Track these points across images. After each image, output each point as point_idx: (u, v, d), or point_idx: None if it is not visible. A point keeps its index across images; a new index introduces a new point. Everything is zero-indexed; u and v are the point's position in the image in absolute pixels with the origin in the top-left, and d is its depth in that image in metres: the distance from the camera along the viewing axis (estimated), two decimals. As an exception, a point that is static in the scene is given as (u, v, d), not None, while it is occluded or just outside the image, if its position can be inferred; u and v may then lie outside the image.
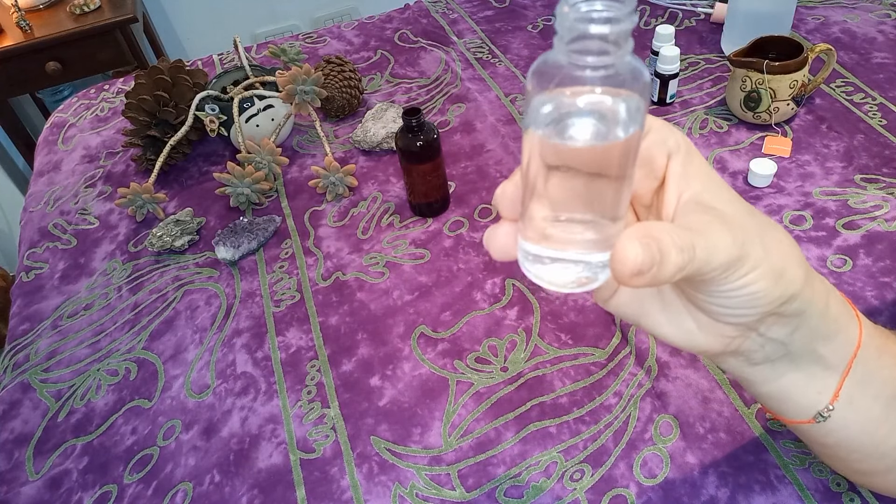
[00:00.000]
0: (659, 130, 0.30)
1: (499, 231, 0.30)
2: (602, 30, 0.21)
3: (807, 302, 0.33)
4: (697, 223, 0.29)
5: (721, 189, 0.30)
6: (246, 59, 1.01)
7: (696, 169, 0.30)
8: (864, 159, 0.84)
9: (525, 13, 1.22)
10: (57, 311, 0.84)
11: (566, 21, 0.22)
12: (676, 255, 0.26)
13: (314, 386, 0.69)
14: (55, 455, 0.69)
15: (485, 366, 0.68)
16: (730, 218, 0.29)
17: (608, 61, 0.22)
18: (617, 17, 0.21)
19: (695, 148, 0.31)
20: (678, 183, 0.30)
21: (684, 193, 0.30)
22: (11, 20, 1.67)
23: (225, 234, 0.85)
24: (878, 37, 1.03)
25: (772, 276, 0.30)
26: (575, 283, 0.28)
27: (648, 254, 0.26)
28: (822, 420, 0.38)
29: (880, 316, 0.67)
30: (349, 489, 0.61)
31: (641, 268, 0.26)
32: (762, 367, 0.36)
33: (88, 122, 1.16)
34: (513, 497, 0.58)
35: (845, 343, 0.37)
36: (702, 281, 0.29)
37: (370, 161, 0.96)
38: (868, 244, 0.74)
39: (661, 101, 0.96)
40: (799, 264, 0.32)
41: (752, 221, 0.30)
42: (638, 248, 0.26)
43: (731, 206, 0.30)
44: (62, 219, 0.98)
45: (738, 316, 0.32)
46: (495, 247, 0.30)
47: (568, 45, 0.22)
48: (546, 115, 0.24)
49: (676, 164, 0.30)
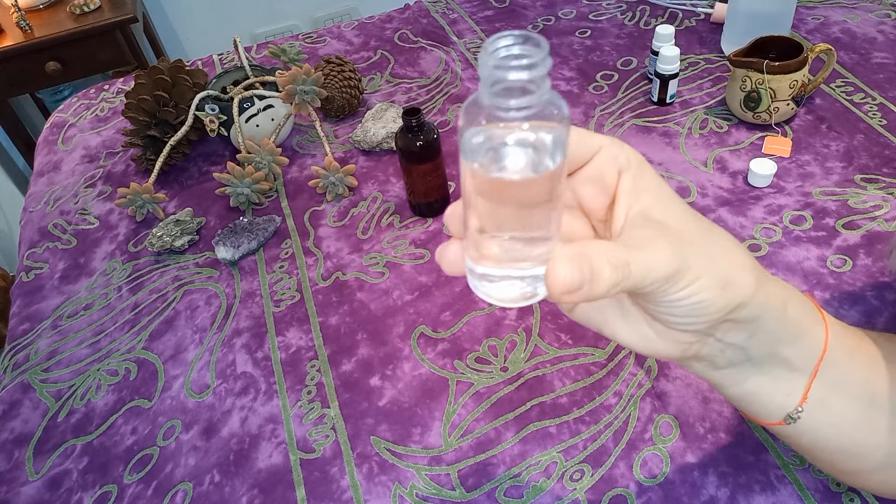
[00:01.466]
0: (609, 148, 0.31)
1: (449, 249, 0.31)
2: (521, 76, 0.23)
3: (760, 307, 0.33)
4: (638, 238, 0.30)
5: (670, 202, 0.31)
6: (246, 59, 1.01)
7: (647, 183, 0.31)
8: (864, 159, 0.84)
9: (525, 13, 1.22)
10: (57, 311, 0.84)
11: (486, 69, 0.24)
12: (610, 273, 0.28)
13: (314, 386, 0.69)
14: (55, 455, 0.69)
15: (485, 366, 0.68)
16: (674, 231, 0.30)
17: (528, 102, 0.24)
18: (533, 64, 0.23)
19: (646, 162, 0.32)
20: (628, 198, 0.31)
21: (633, 208, 0.31)
22: (11, 20, 1.67)
23: (225, 234, 0.85)
24: (878, 37, 1.03)
25: (717, 286, 0.31)
26: (520, 298, 0.30)
27: (579, 273, 0.27)
28: (792, 422, 0.39)
29: (880, 316, 0.67)
30: (349, 489, 0.61)
31: (571, 286, 0.28)
32: (727, 370, 0.37)
33: (88, 122, 1.16)
34: (513, 497, 0.58)
35: (810, 346, 0.37)
36: (646, 293, 0.31)
37: (370, 161, 0.96)
38: (868, 244, 0.74)
39: (661, 101, 0.96)
40: (748, 271, 0.33)
41: (697, 233, 0.31)
42: (567, 268, 0.27)
43: (679, 219, 0.31)
44: (62, 219, 0.98)
45: (688, 324, 0.33)
46: (446, 263, 0.32)
47: (491, 89, 0.24)
48: (477, 150, 0.26)
49: (626, 180, 0.31)
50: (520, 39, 0.24)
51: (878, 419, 0.40)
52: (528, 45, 0.24)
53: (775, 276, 0.38)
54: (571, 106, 0.99)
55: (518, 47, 0.24)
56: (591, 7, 1.21)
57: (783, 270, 0.72)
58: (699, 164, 0.87)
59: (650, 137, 0.92)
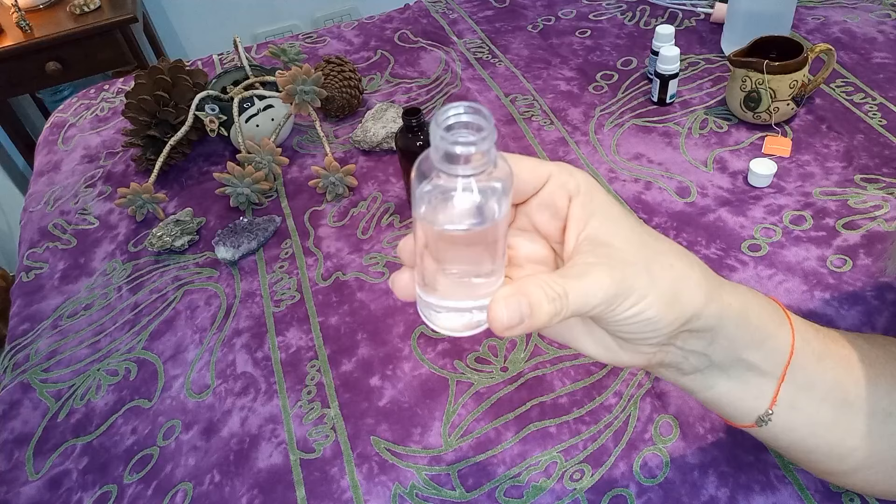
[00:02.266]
0: (558, 175, 0.33)
1: (401, 277, 0.34)
2: (468, 150, 0.25)
3: (714, 317, 0.34)
4: (580, 266, 0.32)
5: (616, 223, 0.33)
6: (246, 59, 1.01)
7: (596, 207, 0.33)
8: (864, 159, 0.84)
9: (525, 13, 1.22)
10: (57, 311, 0.84)
11: (437, 140, 0.26)
12: (548, 305, 0.30)
13: (314, 386, 0.69)
14: (55, 455, 0.69)
15: (485, 366, 0.68)
16: (617, 254, 0.32)
17: (475, 168, 0.26)
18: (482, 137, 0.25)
19: (596, 186, 0.34)
20: (577, 224, 0.33)
21: (582, 232, 0.33)
22: (11, 20, 1.67)
23: (225, 234, 0.85)
24: (878, 37, 1.03)
25: (662, 302, 0.32)
26: (464, 328, 0.33)
27: (517, 311, 0.30)
28: (764, 424, 0.40)
29: (880, 316, 0.67)
30: (349, 489, 0.61)
31: (511, 323, 0.30)
32: (694, 376, 0.38)
33: (88, 122, 1.16)
34: (513, 497, 0.58)
35: (776, 349, 0.38)
36: (594, 315, 0.32)
37: (370, 161, 0.96)
38: (868, 244, 0.74)
39: (661, 101, 0.96)
40: (697, 285, 0.34)
41: (641, 253, 0.33)
42: (504, 309, 0.30)
43: (625, 240, 0.33)
44: (62, 219, 0.98)
45: (643, 339, 0.34)
46: (398, 289, 0.34)
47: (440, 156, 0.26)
48: (428, 203, 0.28)
49: (576, 206, 0.33)
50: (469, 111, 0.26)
51: (852, 421, 0.40)
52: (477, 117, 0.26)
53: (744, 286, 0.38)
54: (572, 106, 0.99)
55: (466, 116, 0.26)
56: (591, 7, 1.21)
57: (783, 270, 0.72)
58: (699, 164, 0.87)
59: (650, 137, 0.92)
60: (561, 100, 1.01)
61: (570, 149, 0.92)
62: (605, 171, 0.88)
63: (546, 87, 1.03)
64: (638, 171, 0.87)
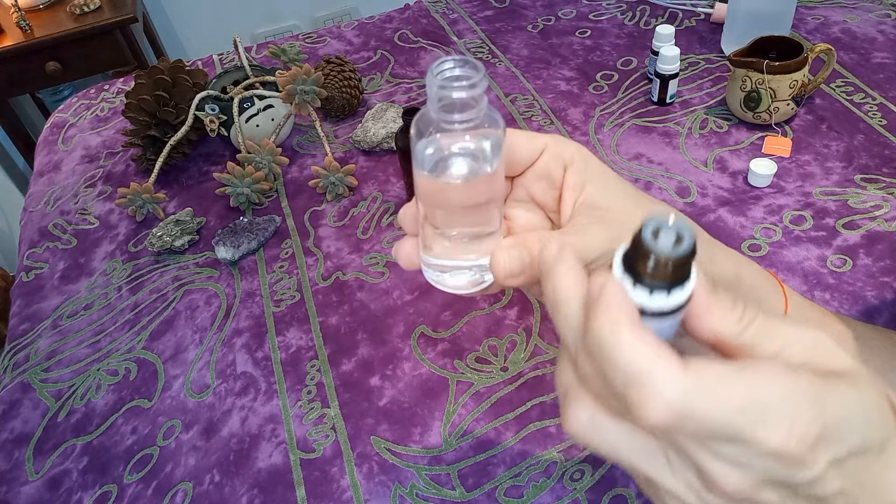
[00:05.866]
0: (553, 146, 0.34)
1: (404, 245, 0.34)
2: (462, 94, 0.27)
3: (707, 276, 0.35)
4: (578, 224, 0.33)
5: (612, 189, 0.34)
6: (246, 59, 1.01)
7: (591, 174, 0.34)
8: (864, 159, 0.84)
9: (525, 13, 1.22)
10: (57, 311, 0.84)
11: (433, 88, 0.27)
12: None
13: (314, 386, 0.69)
14: (55, 455, 0.69)
15: (485, 366, 0.68)
16: (614, 213, 0.33)
17: (469, 116, 0.28)
18: (472, 84, 0.27)
19: (591, 156, 0.34)
20: (573, 191, 0.34)
21: (578, 199, 0.33)
22: (11, 20, 1.67)
23: (225, 234, 0.85)
24: (878, 37, 1.03)
25: None
26: (469, 285, 0.34)
27: (518, 258, 0.31)
28: None
29: (880, 316, 0.67)
30: (349, 489, 0.61)
31: (512, 271, 0.31)
32: (688, 339, 0.38)
33: (88, 122, 1.16)
34: (513, 497, 0.58)
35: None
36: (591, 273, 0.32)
37: (370, 161, 0.96)
38: (868, 244, 0.74)
39: (661, 100, 0.96)
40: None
41: (635, 213, 0.33)
42: (506, 256, 0.31)
43: (620, 203, 0.33)
44: (62, 219, 0.98)
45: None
46: (402, 258, 0.34)
47: (437, 105, 0.28)
48: (426, 158, 0.30)
49: (571, 175, 0.34)
50: (460, 63, 0.28)
51: None
52: (467, 68, 0.28)
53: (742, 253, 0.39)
54: (572, 106, 0.99)
55: (459, 69, 0.28)
56: (591, 7, 1.21)
57: (783, 270, 0.72)
58: (699, 164, 0.87)
59: (650, 137, 0.92)
60: (561, 100, 1.01)
61: (570, 149, 0.92)
62: (605, 171, 0.88)
63: (546, 87, 1.04)
64: (638, 170, 0.87)
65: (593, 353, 0.24)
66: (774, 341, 0.24)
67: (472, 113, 0.28)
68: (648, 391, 0.22)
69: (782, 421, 0.22)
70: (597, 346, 0.23)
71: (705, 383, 0.22)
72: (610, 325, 0.23)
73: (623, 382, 0.23)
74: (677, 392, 0.22)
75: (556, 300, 0.26)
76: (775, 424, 0.22)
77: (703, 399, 0.22)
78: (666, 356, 0.22)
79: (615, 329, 0.23)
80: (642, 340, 0.22)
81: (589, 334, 0.24)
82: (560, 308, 0.26)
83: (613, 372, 0.23)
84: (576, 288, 0.26)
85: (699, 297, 0.25)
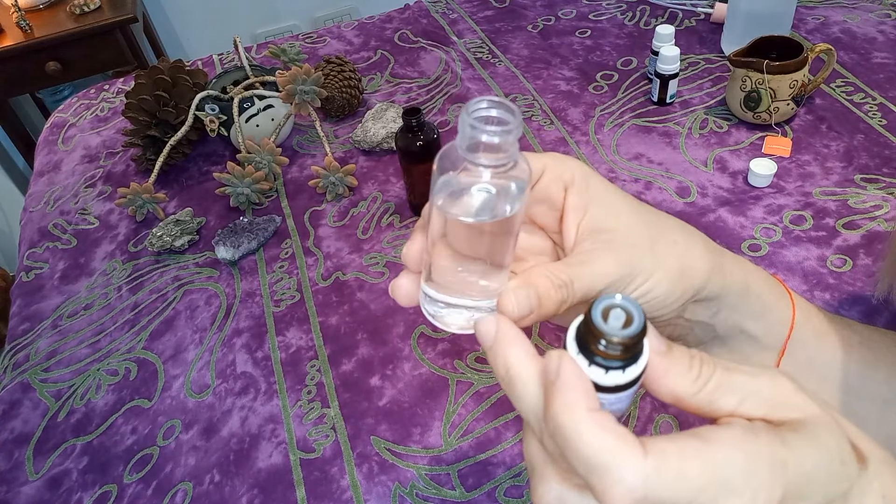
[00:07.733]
0: (553, 168, 0.33)
1: (402, 282, 0.34)
2: (493, 140, 0.26)
3: (719, 286, 0.35)
4: (584, 253, 0.32)
5: (615, 208, 0.33)
6: (246, 59, 1.01)
7: (592, 193, 0.33)
8: (864, 159, 0.84)
9: (525, 13, 1.22)
10: (57, 311, 0.84)
11: (465, 126, 0.26)
12: (556, 293, 0.30)
13: (314, 386, 0.69)
14: (55, 455, 0.69)
15: (485, 365, 0.68)
16: (619, 237, 0.32)
17: (497, 160, 0.27)
18: (506, 130, 0.26)
19: (592, 173, 0.34)
20: (575, 213, 0.33)
21: (581, 221, 0.33)
22: (11, 20, 1.67)
23: (225, 234, 0.85)
24: (878, 37, 1.03)
25: (669, 278, 0.33)
26: (469, 326, 0.33)
27: (526, 301, 0.30)
28: None
29: (880, 316, 0.67)
30: (349, 489, 0.61)
31: (521, 314, 0.30)
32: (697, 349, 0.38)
33: (88, 122, 1.16)
34: (513, 497, 0.58)
35: (777, 322, 0.38)
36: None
37: (370, 161, 0.96)
38: (868, 244, 0.74)
39: (661, 101, 0.96)
40: (700, 257, 0.34)
41: (643, 233, 0.33)
42: (513, 300, 0.30)
43: (625, 223, 0.33)
44: (62, 219, 0.98)
45: (654, 318, 0.34)
46: (400, 295, 0.34)
47: (466, 144, 0.27)
48: (447, 194, 0.29)
49: (572, 196, 0.33)
50: (496, 104, 0.27)
51: (850, 405, 0.40)
52: (503, 111, 0.27)
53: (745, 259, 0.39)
54: (572, 106, 0.99)
55: (495, 110, 0.27)
56: (591, 7, 1.21)
57: (783, 270, 0.72)
58: (699, 164, 0.87)
59: (650, 137, 0.92)
60: (561, 100, 1.01)
61: (570, 149, 0.92)
62: (605, 171, 0.88)
63: (546, 87, 1.04)
64: (638, 171, 0.87)
65: (554, 436, 0.24)
66: (732, 396, 0.25)
67: (501, 157, 0.27)
68: (609, 479, 0.22)
69: (745, 493, 0.22)
70: (557, 431, 0.24)
71: (666, 465, 0.22)
72: (569, 412, 0.23)
73: (585, 470, 0.23)
74: (639, 478, 0.22)
75: (509, 378, 0.27)
76: (738, 497, 0.22)
77: (664, 483, 0.22)
78: (625, 441, 0.23)
79: (574, 416, 0.23)
80: (601, 427, 0.23)
81: (549, 418, 0.24)
82: (516, 386, 0.26)
83: (575, 459, 0.23)
84: (530, 367, 0.26)
85: (654, 362, 0.26)
